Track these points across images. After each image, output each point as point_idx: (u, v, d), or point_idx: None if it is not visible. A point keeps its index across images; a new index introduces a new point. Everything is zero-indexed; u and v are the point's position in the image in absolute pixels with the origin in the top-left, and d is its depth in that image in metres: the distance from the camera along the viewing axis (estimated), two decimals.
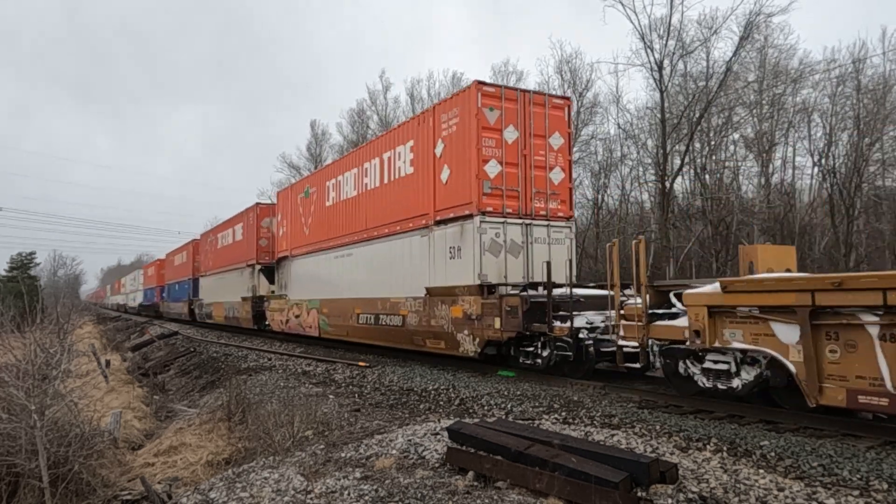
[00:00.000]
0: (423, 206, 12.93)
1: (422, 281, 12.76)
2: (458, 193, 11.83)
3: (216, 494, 5.36)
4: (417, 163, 13.33)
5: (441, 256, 12.33)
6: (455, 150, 11.99)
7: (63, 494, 6.56)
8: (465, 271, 11.58)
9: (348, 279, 16.31)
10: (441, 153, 12.43)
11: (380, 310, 14.42)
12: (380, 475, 5.37)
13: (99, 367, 14.49)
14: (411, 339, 13.17)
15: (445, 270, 12.16)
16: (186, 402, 13.48)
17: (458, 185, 11.84)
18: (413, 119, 14.01)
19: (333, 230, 17.41)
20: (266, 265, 23.77)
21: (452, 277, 11.90)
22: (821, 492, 4.67)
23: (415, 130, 13.56)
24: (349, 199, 16.61)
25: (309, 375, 13.17)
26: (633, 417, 7.38)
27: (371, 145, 15.89)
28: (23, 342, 8.66)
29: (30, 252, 50.11)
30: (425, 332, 12.62)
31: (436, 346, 12.41)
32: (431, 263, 12.64)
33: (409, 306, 13.19)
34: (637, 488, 4.55)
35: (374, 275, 14.94)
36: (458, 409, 8.83)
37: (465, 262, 11.56)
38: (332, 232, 17.45)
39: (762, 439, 6.15)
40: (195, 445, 8.07)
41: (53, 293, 41.89)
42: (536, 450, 5.05)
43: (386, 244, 14.46)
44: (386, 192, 14.61)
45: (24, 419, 6.65)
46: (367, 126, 44.51)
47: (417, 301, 12.86)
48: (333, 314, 16.97)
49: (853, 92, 25.16)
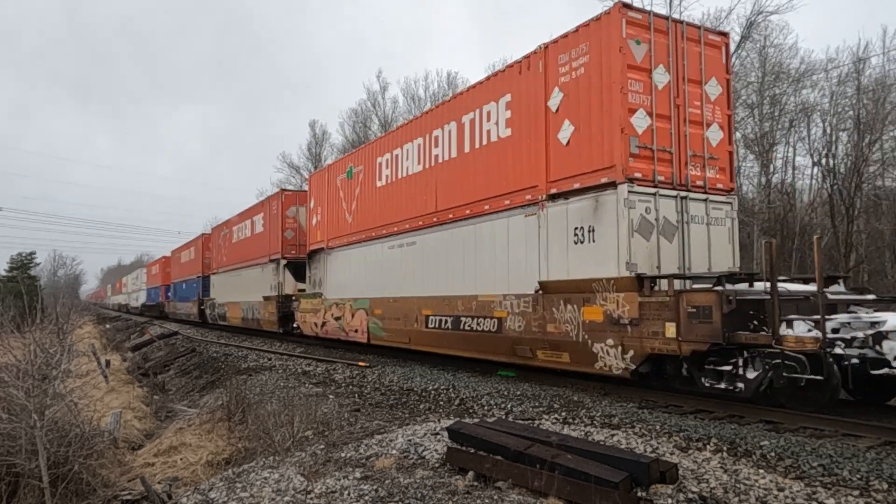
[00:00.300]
0: (528, 177, 10.18)
1: (529, 274, 10.03)
2: (587, 156, 9.08)
3: (216, 494, 5.36)
4: (518, 121, 10.52)
5: (559, 241, 9.53)
6: (583, 98, 9.24)
7: (63, 494, 6.57)
8: (601, 259, 8.81)
9: (410, 273, 13.49)
10: (558, 106, 9.63)
11: (461, 311, 11.56)
12: (380, 475, 5.37)
13: (99, 367, 14.49)
14: (512, 348, 10.30)
15: (567, 259, 9.39)
16: (186, 402, 13.48)
17: (587, 146, 9.09)
18: (509, 68, 11.04)
19: (388, 215, 14.54)
20: (293, 260, 21.28)
21: (580, 268, 9.14)
22: (821, 492, 4.67)
23: (512, 82, 10.79)
24: (412, 175, 13.67)
25: (309, 375, 13.16)
26: (633, 417, 7.38)
27: (444, 108, 12.93)
28: (23, 342, 8.66)
29: (30, 252, 50.19)
30: (536, 340, 9.73)
31: (553, 360, 9.53)
32: (544, 250, 9.82)
33: (510, 306, 10.36)
34: (637, 488, 4.55)
35: (451, 267, 12.11)
36: (458, 409, 8.83)
37: (603, 248, 8.78)
38: (386, 217, 14.59)
39: (762, 439, 6.14)
40: (195, 445, 8.07)
41: (53, 293, 41.86)
42: (536, 450, 5.05)
43: (469, 228, 11.64)
44: (468, 163, 11.76)
45: (24, 419, 6.65)
46: (367, 127, 44.53)
47: (523, 300, 10.06)
48: (389, 316, 14.13)
49: (854, 92, 25.18)
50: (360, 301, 15.60)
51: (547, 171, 9.85)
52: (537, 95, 10.09)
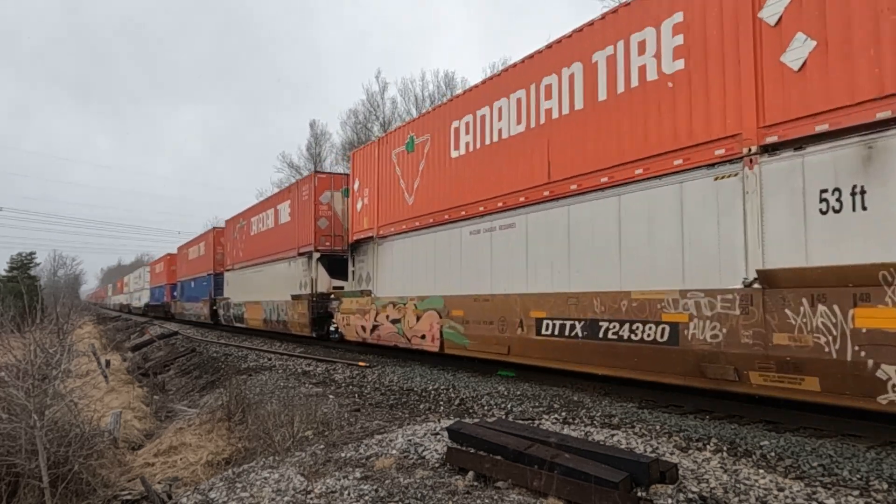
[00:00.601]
0: (718, 124, 7.40)
1: (725, 260, 7.24)
2: (844, 83, 6.26)
3: (216, 494, 5.37)
4: (696, 48, 7.69)
5: (788, 210, 6.67)
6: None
7: (63, 494, 6.57)
8: (885, 236, 5.91)
9: (507, 265, 10.66)
10: (781, 15, 6.83)
11: (600, 313, 8.67)
12: (380, 475, 5.37)
13: (99, 367, 14.50)
14: (697, 367, 7.34)
15: (805, 237, 6.52)
16: (186, 402, 13.49)
17: (842, 67, 6.28)
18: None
19: (468, 192, 11.72)
20: (327, 253, 18.79)
21: (835, 250, 6.26)
22: (821, 492, 4.67)
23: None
24: (507, 139, 10.79)
25: (309, 375, 13.17)
26: (633, 417, 7.38)
27: (561, 47, 9.84)
28: (23, 342, 8.66)
29: (30, 252, 50.30)
30: (750, 357, 6.77)
31: (782, 386, 6.50)
32: (756, 225, 6.99)
33: (694, 307, 7.44)
34: (637, 488, 4.55)
35: (577, 255, 9.26)
36: (458, 409, 8.84)
37: (888, 217, 5.92)
38: (466, 195, 11.78)
39: (762, 439, 6.15)
40: (195, 445, 8.08)
41: (53, 293, 41.86)
42: (536, 450, 5.05)
43: (607, 202, 8.82)
44: (603, 116, 8.92)
45: (23, 419, 6.65)
46: (367, 128, 44.56)
47: (721, 298, 7.15)
48: (475, 319, 11.22)
49: None
50: (429, 300, 12.74)
51: (759, 112, 7.03)
52: (736, 7, 7.31)
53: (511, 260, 10.60)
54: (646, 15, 8.41)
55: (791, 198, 6.70)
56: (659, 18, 8.22)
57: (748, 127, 7.12)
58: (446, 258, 12.45)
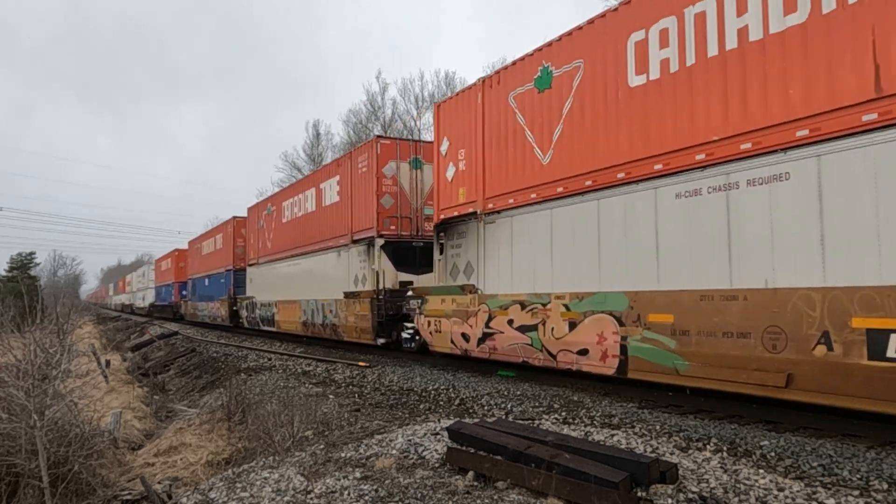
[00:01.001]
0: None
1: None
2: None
3: (216, 494, 5.37)
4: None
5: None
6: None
7: (63, 494, 6.57)
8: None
9: (771, 241, 6.71)
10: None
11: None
12: (380, 475, 5.37)
13: (99, 367, 14.50)
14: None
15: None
16: (186, 402, 13.49)
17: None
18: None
19: (678, 131, 7.74)
20: (393, 239, 14.96)
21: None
22: (821, 492, 4.67)
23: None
24: (773, 36, 6.68)
25: (309, 375, 13.17)
26: (633, 417, 7.38)
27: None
28: (23, 342, 8.66)
29: (30, 252, 50.22)
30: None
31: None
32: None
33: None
34: (637, 488, 4.55)
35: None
36: (458, 409, 8.83)
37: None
38: (667, 141, 7.88)
39: (762, 439, 6.15)
40: (195, 445, 8.08)
41: (53, 293, 41.85)
42: (536, 450, 5.05)
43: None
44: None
45: (23, 419, 6.65)
46: (367, 128, 44.59)
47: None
48: (706, 329, 7.17)
49: None
50: (597, 299, 8.77)
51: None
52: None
53: (781, 231, 6.64)
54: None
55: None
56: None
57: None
58: (620, 236, 8.59)
